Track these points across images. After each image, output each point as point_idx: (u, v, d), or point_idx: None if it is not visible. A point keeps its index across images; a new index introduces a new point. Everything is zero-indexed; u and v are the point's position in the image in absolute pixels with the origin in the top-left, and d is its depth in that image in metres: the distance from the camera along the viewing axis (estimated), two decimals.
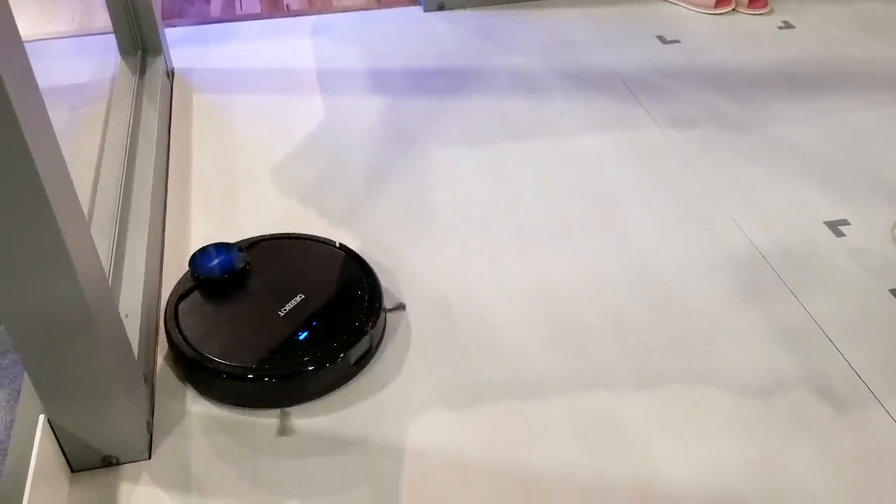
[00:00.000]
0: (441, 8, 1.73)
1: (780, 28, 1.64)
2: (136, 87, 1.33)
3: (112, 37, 1.40)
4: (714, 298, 1.05)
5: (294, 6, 1.76)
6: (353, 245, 1.13)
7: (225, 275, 0.97)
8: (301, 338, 0.91)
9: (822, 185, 1.24)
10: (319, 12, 1.73)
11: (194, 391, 0.92)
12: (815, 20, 1.66)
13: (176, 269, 1.09)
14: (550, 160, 1.29)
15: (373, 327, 0.94)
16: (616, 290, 1.06)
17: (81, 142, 1.23)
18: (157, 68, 1.39)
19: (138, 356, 0.87)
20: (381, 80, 1.50)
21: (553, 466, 0.85)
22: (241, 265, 0.98)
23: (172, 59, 1.52)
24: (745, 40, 1.60)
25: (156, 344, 0.98)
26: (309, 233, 1.08)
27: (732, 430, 0.89)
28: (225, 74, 1.52)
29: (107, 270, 0.96)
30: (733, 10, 1.69)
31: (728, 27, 1.65)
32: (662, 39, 1.61)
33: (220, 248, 1.00)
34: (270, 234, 1.06)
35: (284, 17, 1.71)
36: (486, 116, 1.40)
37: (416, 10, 1.74)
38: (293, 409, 0.90)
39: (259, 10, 1.75)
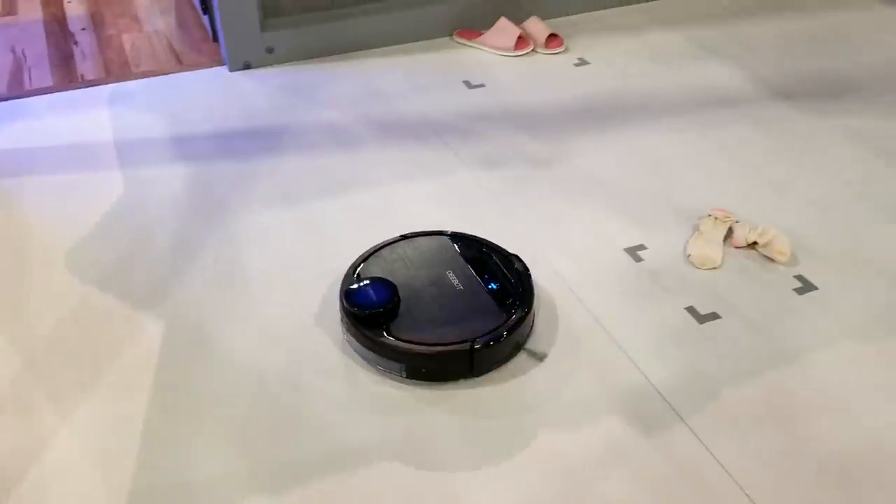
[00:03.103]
0: (247, 67, 1.70)
1: (577, 65, 1.73)
2: None
3: None
4: None
5: (89, 76, 1.68)
6: (158, 326, 1.07)
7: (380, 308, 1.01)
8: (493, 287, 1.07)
9: (621, 214, 1.30)
10: (118, 80, 1.65)
11: None
12: (608, 55, 1.77)
13: None
14: (366, 212, 1.29)
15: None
16: None
17: None
18: None
19: None
20: (187, 146, 1.45)
21: None
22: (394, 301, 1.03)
23: None
24: (546, 79, 1.68)
25: None
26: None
27: (549, 469, 0.90)
28: (14, 155, 1.42)
29: None
30: (532, 51, 1.77)
31: (529, 68, 1.72)
32: (469, 84, 1.66)
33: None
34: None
35: (79, 87, 1.63)
36: (300, 174, 1.38)
37: (222, 71, 1.70)
38: None
39: (51, 83, 1.65)
